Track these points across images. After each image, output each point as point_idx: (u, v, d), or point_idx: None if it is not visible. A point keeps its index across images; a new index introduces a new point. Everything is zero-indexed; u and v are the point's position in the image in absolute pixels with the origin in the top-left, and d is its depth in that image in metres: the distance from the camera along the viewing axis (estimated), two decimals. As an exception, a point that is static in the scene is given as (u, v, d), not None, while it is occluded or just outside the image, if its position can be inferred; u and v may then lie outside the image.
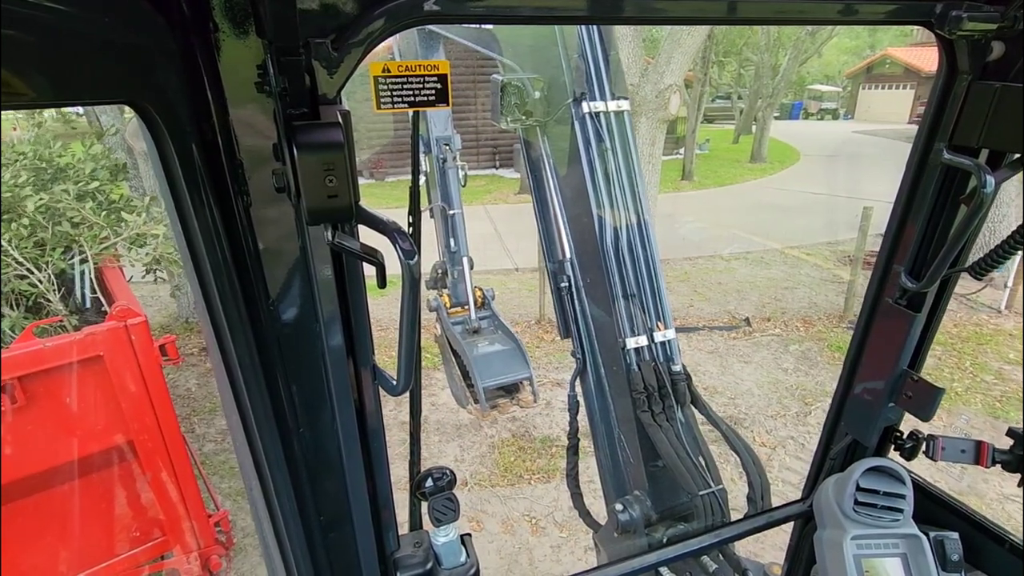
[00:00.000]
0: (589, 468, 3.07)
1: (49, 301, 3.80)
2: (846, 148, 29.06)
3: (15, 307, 3.83)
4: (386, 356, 7.58)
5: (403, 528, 1.57)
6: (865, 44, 44.48)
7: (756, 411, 7.23)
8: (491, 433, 6.83)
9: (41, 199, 4.04)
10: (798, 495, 2.25)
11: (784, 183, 21.07)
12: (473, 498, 5.83)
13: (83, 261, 4.14)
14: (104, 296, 4.01)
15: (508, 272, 12.03)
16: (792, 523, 2.22)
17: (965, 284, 10.61)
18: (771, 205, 17.67)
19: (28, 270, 3.81)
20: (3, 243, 3.76)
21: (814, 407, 7.23)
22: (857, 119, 43.94)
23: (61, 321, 3.71)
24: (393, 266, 0.94)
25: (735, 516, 2.29)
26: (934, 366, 7.93)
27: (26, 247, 3.78)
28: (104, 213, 4.61)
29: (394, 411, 6.52)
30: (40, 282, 3.73)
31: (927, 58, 36.11)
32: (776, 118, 27.55)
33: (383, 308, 8.80)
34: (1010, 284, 9.54)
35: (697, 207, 17.65)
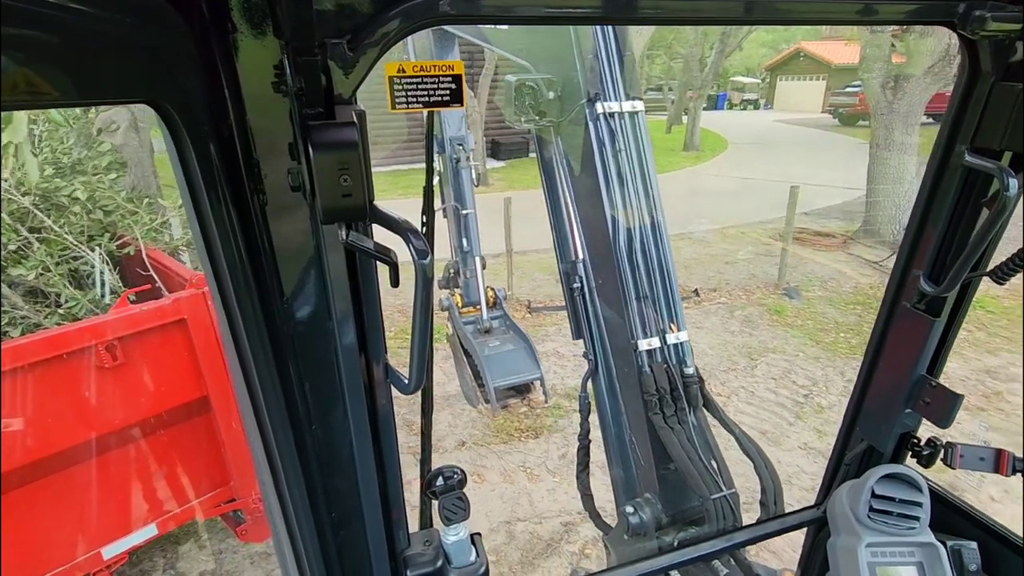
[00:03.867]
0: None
1: (103, 283, 4.17)
2: (769, 136, 30.08)
3: (73, 287, 4.10)
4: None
5: (413, 526, 1.55)
6: (781, 38, 47.55)
7: (711, 367, 8.06)
8: (478, 401, 7.47)
9: (75, 188, 4.29)
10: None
11: (717, 169, 21.63)
12: (472, 455, 6.35)
13: (124, 245, 4.45)
14: (157, 274, 4.21)
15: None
16: (805, 529, 2.13)
17: (876, 252, 11.79)
18: (708, 190, 18.15)
19: (85, 251, 4.10)
20: (56, 229, 4.03)
21: (759, 361, 8.09)
22: (776, 109, 45.09)
23: (132, 292, 3.97)
24: (405, 264, 0.93)
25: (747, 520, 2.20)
26: (855, 323, 9.27)
27: (71, 233, 4.07)
28: (146, 202, 4.93)
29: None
30: (95, 264, 4.06)
31: (836, 51, 39.27)
32: (703, 109, 29.36)
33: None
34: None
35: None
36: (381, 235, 1.00)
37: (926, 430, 1.85)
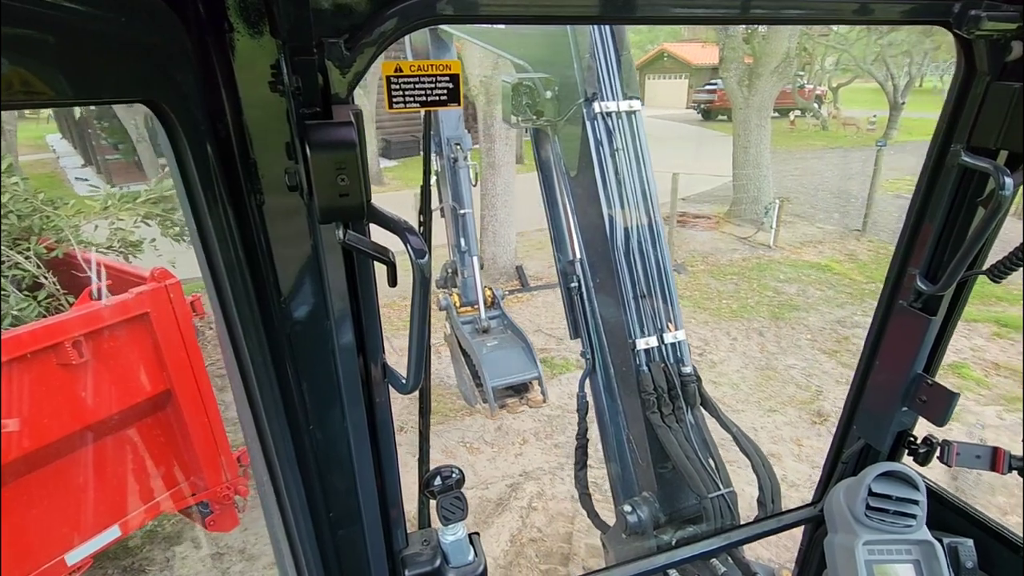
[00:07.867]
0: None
1: (42, 283, 4.04)
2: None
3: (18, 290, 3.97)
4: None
5: (411, 526, 1.54)
6: (647, 39, 51.00)
7: (619, 340, 9.06)
8: (409, 388, 7.74)
9: None
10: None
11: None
12: (413, 438, 6.72)
13: (50, 249, 4.27)
14: (98, 275, 4.06)
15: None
16: (803, 527, 2.11)
17: (744, 229, 13.43)
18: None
19: (19, 252, 3.85)
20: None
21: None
22: (647, 105, 50.37)
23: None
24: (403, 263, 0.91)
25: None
26: (733, 291, 10.66)
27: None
28: (72, 203, 4.65)
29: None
30: (30, 268, 3.82)
31: (695, 53, 42.93)
32: (582, 106, 30.73)
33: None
34: (774, 226, 12.62)
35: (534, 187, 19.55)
36: (378, 235, 0.99)
37: (922, 428, 1.81)
